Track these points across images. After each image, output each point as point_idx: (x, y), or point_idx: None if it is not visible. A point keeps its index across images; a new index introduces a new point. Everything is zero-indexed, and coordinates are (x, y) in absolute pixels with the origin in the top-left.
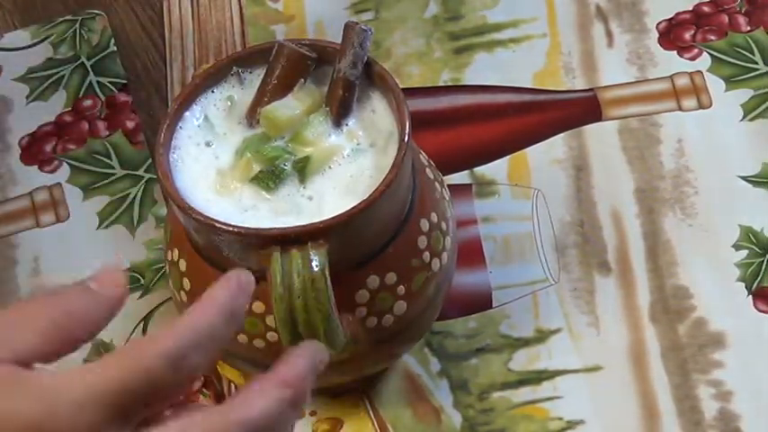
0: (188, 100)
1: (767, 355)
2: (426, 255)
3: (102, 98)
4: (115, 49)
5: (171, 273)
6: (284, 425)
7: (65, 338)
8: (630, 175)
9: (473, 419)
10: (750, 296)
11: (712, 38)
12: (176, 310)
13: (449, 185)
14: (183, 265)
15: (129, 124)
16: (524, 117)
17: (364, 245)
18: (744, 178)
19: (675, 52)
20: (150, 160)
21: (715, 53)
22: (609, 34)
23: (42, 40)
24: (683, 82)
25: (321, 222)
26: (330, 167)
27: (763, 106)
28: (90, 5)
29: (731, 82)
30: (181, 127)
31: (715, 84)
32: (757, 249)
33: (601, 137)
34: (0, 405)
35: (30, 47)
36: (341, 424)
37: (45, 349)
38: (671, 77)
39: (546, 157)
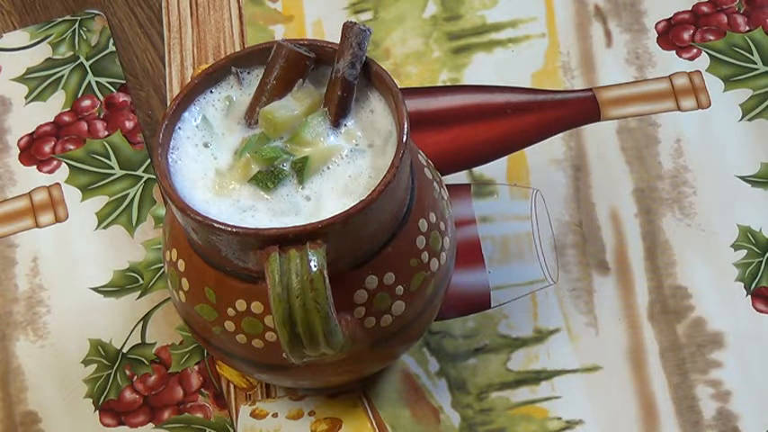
0: (186, 100)
1: (766, 355)
2: (425, 255)
3: (101, 98)
4: (114, 49)
5: (169, 273)
6: None
7: None
8: (629, 175)
9: (472, 419)
10: (749, 296)
11: (711, 38)
12: (175, 310)
13: (447, 185)
14: (181, 265)
15: (128, 124)
16: (523, 117)
17: (363, 245)
18: (742, 178)
19: (674, 52)
20: (149, 160)
21: (714, 53)
22: (608, 34)
23: (41, 41)
24: (681, 82)
25: (319, 222)
26: (329, 168)
27: (762, 106)
28: (89, 6)
29: (730, 82)
30: (179, 127)
31: (713, 84)
32: (756, 249)
33: (599, 137)
34: None
35: (29, 47)
36: (339, 424)
37: None
38: (669, 77)
39: (544, 157)
